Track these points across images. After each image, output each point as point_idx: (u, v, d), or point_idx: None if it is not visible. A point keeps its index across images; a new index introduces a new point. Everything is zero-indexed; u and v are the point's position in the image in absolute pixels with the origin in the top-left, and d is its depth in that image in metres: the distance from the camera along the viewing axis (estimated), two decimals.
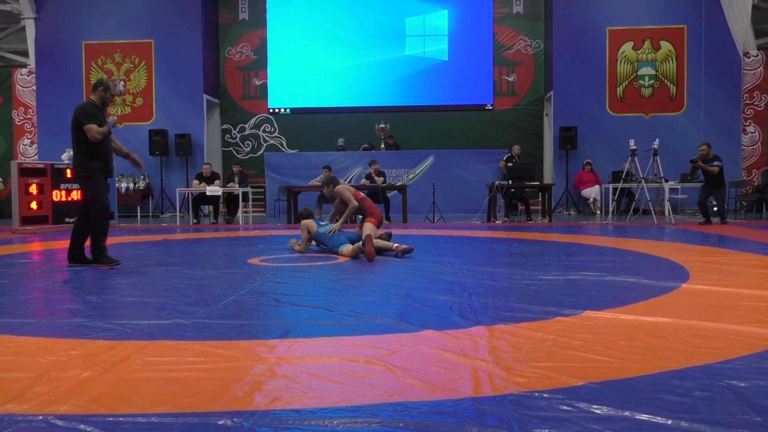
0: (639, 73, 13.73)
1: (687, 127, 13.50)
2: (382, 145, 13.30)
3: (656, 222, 10.21)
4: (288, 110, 15.17)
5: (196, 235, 8.96)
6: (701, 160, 9.98)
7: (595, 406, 1.93)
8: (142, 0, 14.20)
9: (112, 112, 4.85)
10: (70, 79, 14.28)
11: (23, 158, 14.12)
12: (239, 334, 2.90)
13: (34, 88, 14.38)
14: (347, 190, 6.55)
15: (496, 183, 10.99)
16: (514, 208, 11.96)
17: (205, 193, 11.02)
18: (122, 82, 14.33)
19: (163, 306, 3.58)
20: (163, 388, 2.15)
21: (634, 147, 10.30)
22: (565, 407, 1.93)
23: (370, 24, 14.99)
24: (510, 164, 11.80)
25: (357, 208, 6.41)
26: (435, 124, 14.85)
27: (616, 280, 4.33)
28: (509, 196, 11.30)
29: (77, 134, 5.37)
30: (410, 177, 12.96)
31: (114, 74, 14.35)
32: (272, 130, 15.18)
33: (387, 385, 2.15)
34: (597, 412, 1.89)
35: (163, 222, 12.18)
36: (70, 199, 10.16)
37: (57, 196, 9.93)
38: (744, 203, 13.01)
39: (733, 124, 13.51)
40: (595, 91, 13.75)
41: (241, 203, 11.41)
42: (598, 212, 12.68)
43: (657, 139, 10.53)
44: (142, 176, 13.76)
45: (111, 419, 1.87)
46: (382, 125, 13.21)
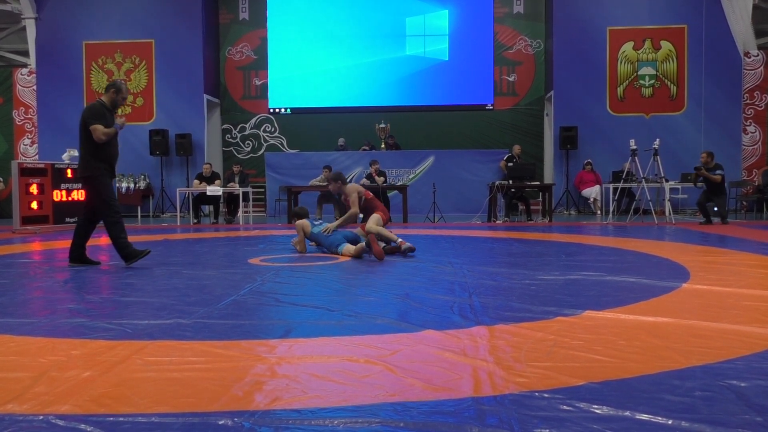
0: (639, 73, 13.72)
1: (687, 127, 13.50)
2: (383, 145, 13.30)
3: (657, 222, 10.21)
4: (288, 110, 15.18)
5: (197, 235, 8.96)
6: (703, 168, 10.01)
7: (596, 406, 1.93)
8: (143, 0, 14.21)
9: (118, 113, 4.82)
10: (70, 79, 14.29)
11: (24, 158, 14.12)
12: (239, 334, 2.90)
13: (35, 88, 14.39)
14: (355, 192, 6.39)
15: (497, 183, 10.99)
16: (515, 208, 11.95)
17: (205, 193, 11.02)
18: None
19: (163, 306, 3.58)
20: (163, 388, 2.15)
21: (635, 147, 10.30)
22: (565, 407, 1.93)
23: (371, 24, 14.99)
24: (510, 164, 11.81)
25: (359, 211, 6.36)
26: (435, 124, 14.85)
27: (616, 280, 4.33)
28: (509, 196, 11.30)
29: (84, 134, 5.33)
30: (410, 177, 12.96)
31: (114, 74, 14.36)
32: (272, 130, 15.18)
33: (387, 385, 2.15)
34: (597, 412, 1.89)
35: (163, 222, 12.19)
36: (70, 199, 10.16)
37: (57, 196, 9.93)
38: (744, 203, 13.00)
39: (733, 124, 13.50)
40: (596, 91, 13.75)
41: (242, 203, 11.41)
42: (599, 212, 12.67)
43: (657, 139, 10.52)
44: (143, 176, 13.77)
45: (111, 419, 1.87)
46: (382, 125, 13.21)
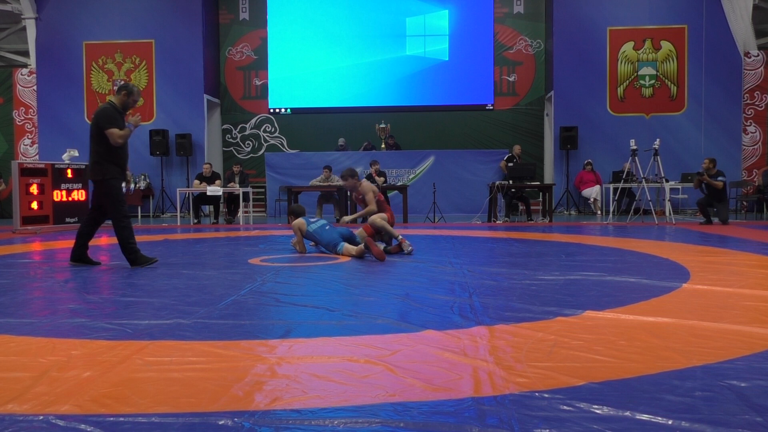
0: (639, 73, 13.72)
1: (688, 127, 13.50)
2: (383, 145, 13.30)
3: (657, 222, 10.21)
4: (288, 110, 15.17)
5: (197, 235, 8.96)
6: (705, 174, 10.03)
7: (596, 406, 1.93)
8: (143, 0, 14.21)
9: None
10: (70, 79, 14.30)
11: (24, 158, 14.12)
12: (240, 334, 2.91)
13: (35, 88, 14.39)
14: (371, 191, 6.45)
15: (497, 183, 10.99)
16: (515, 208, 11.95)
17: (205, 193, 11.02)
18: (123, 83, 14.33)
19: (163, 306, 3.58)
20: (163, 388, 2.15)
21: (635, 147, 10.29)
22: (565, 407, 1.93)
23: (371, 24, 14.99)
24: (510, 164, 11.81)
25: (376, 209, 6.36)
26: (435, 124, 14.85)
27: (616, 280, 4.33)
28: (510, 196, 11.29)
29: (96, 137, 5.32)
30: (411, 177, 12.96)
31: (114, 74, 14.37)
32: (273, 130, 15.18)
33: (387, 385, 2.15)
34: (597, 412, 1.89)
35: (163, 222, 12.19)
36: (70, 199, 10.16)
37: (58, 196, 9.92)
38: (744, 203, 13.00)
39: (733, 124, 13.50)
40: (596, 91, 13.74)
41: (242, 203, 11.41)
42: (599, 212, 12.67)
43: (658, 139, 10.52)
44: (143, 176, 13.77)
45: (111, 419, 1.87)
46: (382, 125, 13.21)
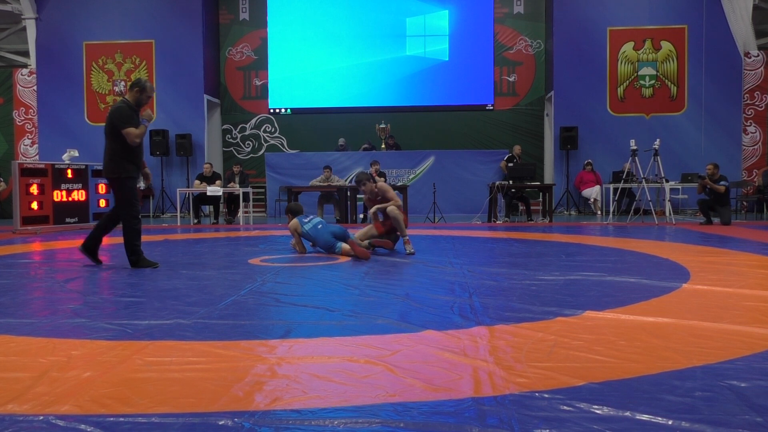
0: (640, 73, 13.72)
1: (688, 128, 13.50)
2: (383, 145, 13.29)
3: (657, 222, 10.21)
4: (288, 110, 15.18)
5: (197, 235, 8.96)
6: (707, 178, 10.04)
7: (596, 407, 1.93)
8: (143, 0, 14.22)
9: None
10: (70, 80, 14.30)
11: (24, 158, 14.13)
12: (240, 334, 2.90)
13: (35, 88, 14.39)
14: (390, 188, 6.65)
15: (497, 183, 10.99)
16: (515, 208, 11.95)
17: (205, 193, 11.02)
18: (123, 83, 14.34)
19: (163, 306, 3.58)
20: (163, 389, 2.15)
21: (635, 147, 10.29)
22: (565, 407, 1.93)
23: (371, 24, 14.99)
24: (511, 164, 11.81)
25: (400, 202, 6.58)
26: (435, 125, 14.85)
27: (616, 281, 4.32)
28: (510, 196, 11.29)
29: (111, 135, 5.27)
30: (411, 177, 12.96)
31: (114, 74, 14.37)
32: (273, 130, 15.18)
33: (387, 386, 2.15)
34: (598, 412, 1.89)
35: (163, 222, 12.18)
36: (70, 199, 10.15)
37: (58, 196, 9.92)
38: (745, 203, 13.00)
39: (733, 124, 13.50)
40: (596, 91, 13.74)
41: (242, 203, 11.42)
42: (599, 212, 12.67)
43: (658, 139, 10.52)
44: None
45: (111, 419, 1.87)
46: (382, 125, 13.21)
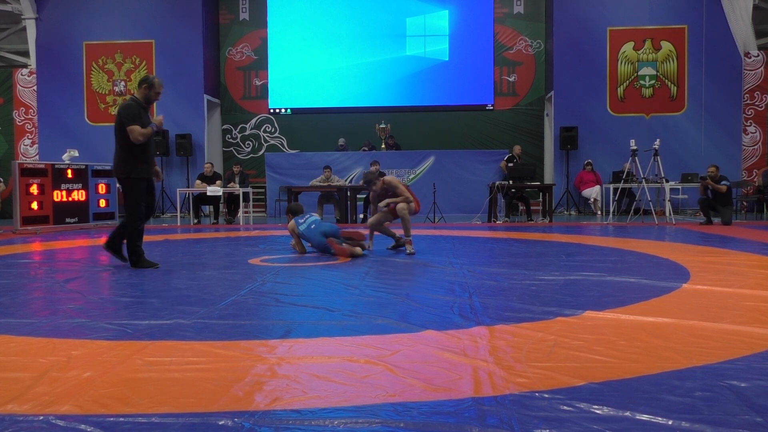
0: (640, 73, 13.72)
1: (688, 128, 13.50)
2: (383, 146, 13.29)
3: (657, 222, 10.21)
4: (288, 110, 15.17)
5: (197, 236, 8.96)
6: (708, 178, 10.05)
7: (596, 407, 1.93)
8: (143, 0, 14.22)
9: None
10: (70, 80, 14.29)
11: (24, 158, 14.12)
12: (240, 334, 2.91)
13: (35, 88, 14.39)
14: (400, 183, 6.51)
15: (497, 183, 10.99)
16: (515, 208, 11.95)
17: (205, 193, 11.02)
18: (123, 83, 14.34)
19: (163, 306, 3.58)
20: (163, 389, 2.15)
21: (635, 147, 10.29)
22: (565, 407, 1.93)
23: (371, 24, 14.99)
24: (511, 164, 11.80)
25: (411, 197, 6.42)
26: (435, 125, 14.85)
27: (616, 281, 4.32)
28: (510, 196, 11.29)
29: (121, 134, 5.22)
30: (411, 177, 12.96)
31: (115, 74, 14.37)
32: (273, 130, 15.18)
33: (387, 386, 2.15)
34: (598, 412, 1.89)
35: (163, 222, 12.18)
36: (70, 199, 10.15)
37: (58, 196, 9.92)
38: (745, 203, 13.00)
39: (733, 124, 13.50)
40: (596, 91, 13.74)
41: (242, 203, 11.42)
42: (599, 212, 12.67)
43: (658, 139, 10.52)
44: None
45: (111, 419, 1.87)
46: (382, 125, 13.21)
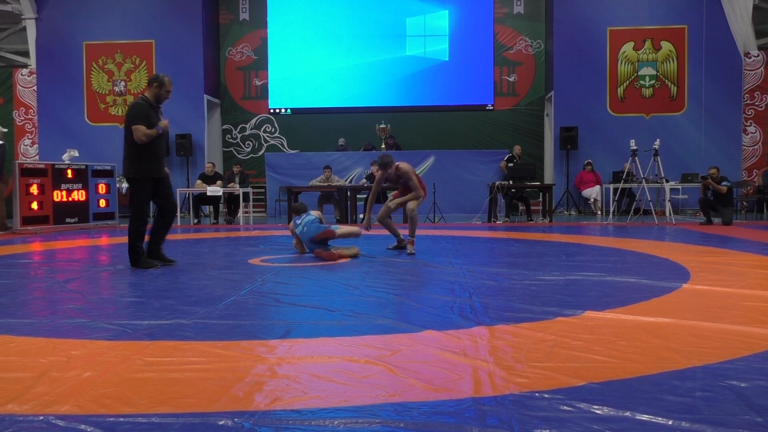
0: (640, 73, 13.72)
1: (688, 128, 13.50)
2: (383, 146, 13.28)
3: (657, 222, 10.21)
4: (288, 110, 15.17)
5: (197, 235, 8.96)
6: (709, 179, 10.06)
7: (596, 407, 1.93)
8: (143, 0, 14.22)
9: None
10: (70, 80, 14.30)
11: (24, 158, 14.12)
12: (240, 334, 2.91)
13: (35, 88, 14.39)
14: (415, 174, 6.35)
15: (497, 183, 10.99)
16: (515, 209, 11.95)
17: (205, 193, 11.02)
18: (123, 83, 14.34)
19: (163, 306, 3.58)
20: (163, 389, 2.15)
21: (635, 147, 10.29)
22: (565, 407, 1.93)
23: (371, 24, 14.99)
24: (511, 164, 11.80)
25: (421, 194, 6.30)
26: (435, 125, 14.85)
27: (616, 281, 4.33)
28: (510, 196, 11.29)
29: (129, 134, 5.19)
30: None
31: (115, 74, 14.37)
32: (273, 130, 15.18)
33: (387, 386, 2.15)
34: (598, 412, 1.89)
35: None
36: (70, 199, 10.15)
37: (58, 196, 9.91)
38: (745, 203, 13.00)
39: (733, 125, 13.50)
40: (596, 92, 13.74)
41: (242, 203, 11.42)
42: (599, 212, 12.67)
43: (658, 139, 10.52)
44: None
45: (111, 419, 1.87)
46: (382, 125, 13.20)
